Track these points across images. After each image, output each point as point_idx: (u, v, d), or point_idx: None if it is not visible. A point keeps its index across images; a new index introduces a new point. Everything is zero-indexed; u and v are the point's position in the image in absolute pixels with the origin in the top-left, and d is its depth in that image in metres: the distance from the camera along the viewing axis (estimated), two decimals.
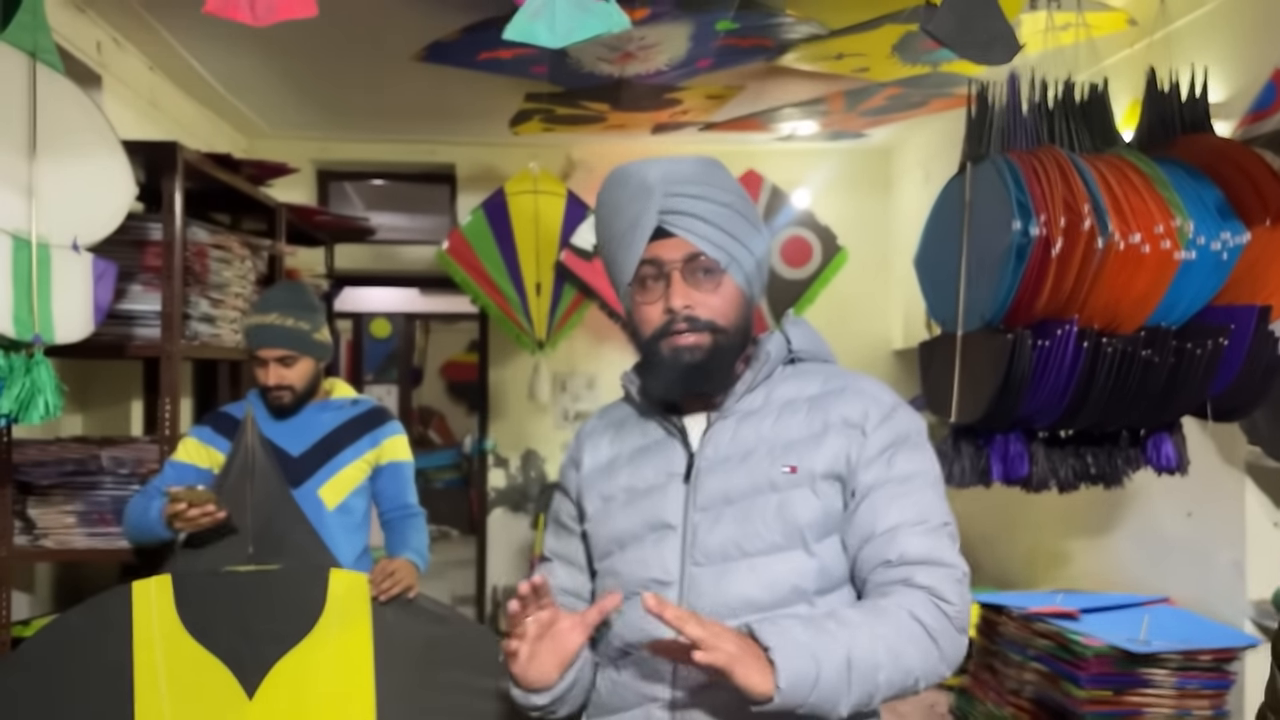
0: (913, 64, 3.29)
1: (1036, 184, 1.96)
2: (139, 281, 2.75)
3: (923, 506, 1.33)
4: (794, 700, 1.16)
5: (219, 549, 2.20)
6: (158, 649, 2.13)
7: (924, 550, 1.29)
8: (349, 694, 2.19)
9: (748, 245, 1.39)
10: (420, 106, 4.39)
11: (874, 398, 1.39)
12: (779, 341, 1.45)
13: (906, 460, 1.35)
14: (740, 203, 1.42)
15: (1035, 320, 2.04)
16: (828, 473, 1.35)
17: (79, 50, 3.16)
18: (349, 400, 2.64)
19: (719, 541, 1.35)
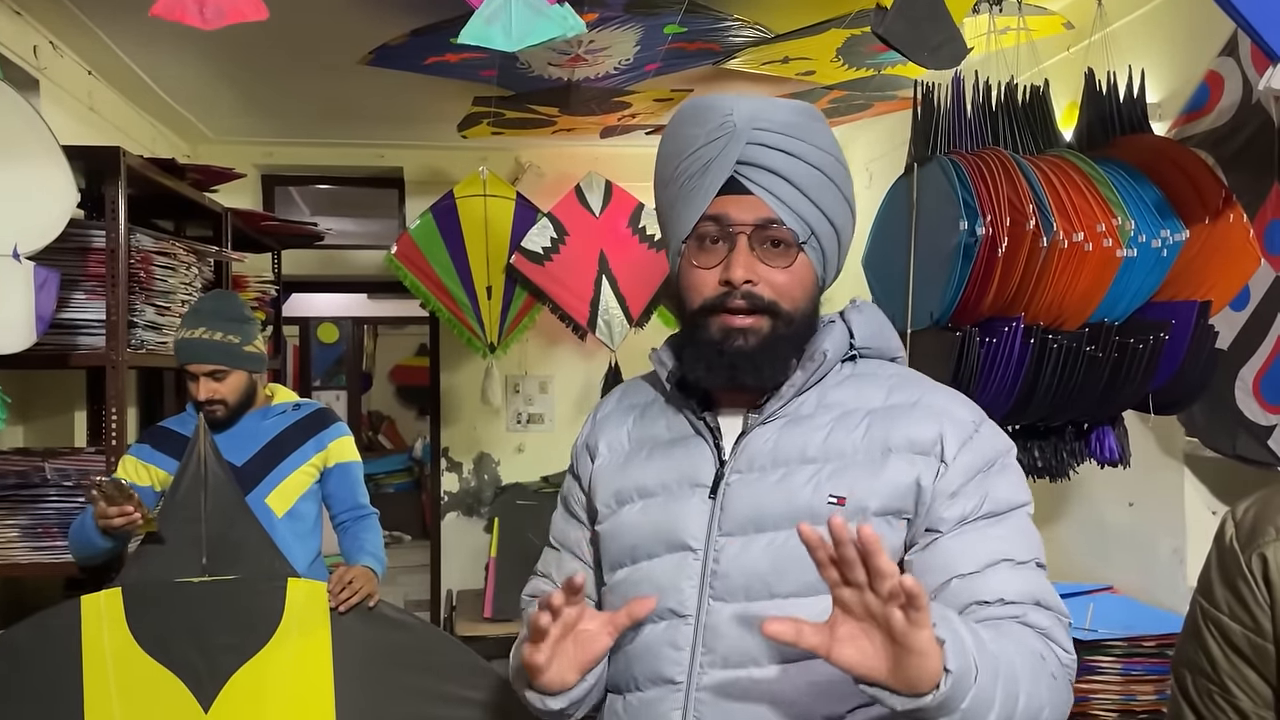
0: (857, 68, 3.34)
1: (982, 184, 2.00)
2: (82, 289, 2.69)
3: (1017, 543, 1.13)
4: (949, 699, 0.92)
5: (171, 561, 2.16)
6: (109, 665, 2.09)
7: (1027, 590, 1.09)
8: (308, 704, 2.16)
9: (834, 221, 1.19)
10: (367, 110, 4.35)
11: (952, 417, 1.17)
12: (839, 334, 1.22)
13: (997, 489, 1.14)
14: (836, 168, 1.20)
15: (982, 318, 2.09)
16: (884, 508, 1.13)
17: (15, 54, 3.09)
18: (291, 405, 2.61)
19: (744, 576, 1.13)
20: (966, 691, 0.93)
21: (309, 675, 2.17)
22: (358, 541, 2.55)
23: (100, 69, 3.69)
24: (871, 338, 1.26)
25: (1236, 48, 2.35)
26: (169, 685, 2.11)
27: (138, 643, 2.11)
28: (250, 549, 2.20)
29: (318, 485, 2.58)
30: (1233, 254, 2.08)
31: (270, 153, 4.99)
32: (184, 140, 4.75)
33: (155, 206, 3.52)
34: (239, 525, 2.21)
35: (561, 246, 4.57)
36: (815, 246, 1.18)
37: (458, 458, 5.20)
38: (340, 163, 5.07)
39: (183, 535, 2.17)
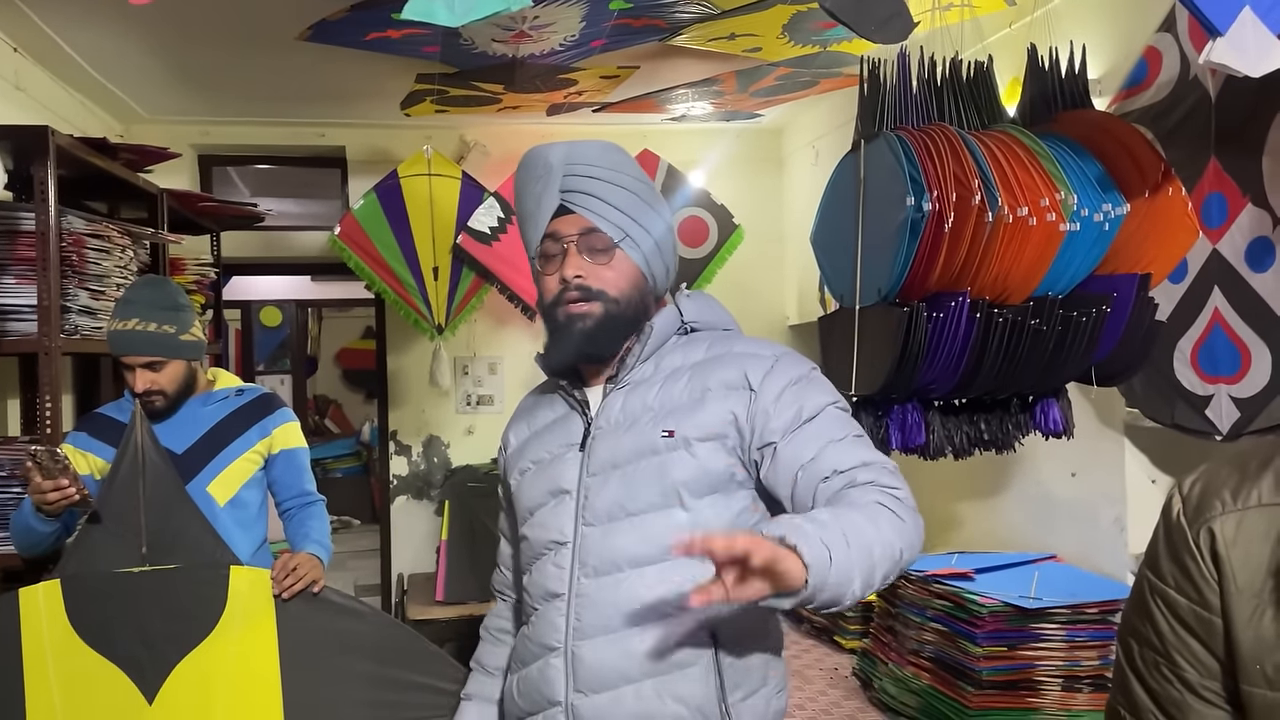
0: (803, 44, 3.34)
1: (928, 160, 2.02)
2: (11, 274, 2.61)
3: (835, 428, 1.42)
4: (818, 583, 1.16)
5: (111, 551, 2.10)
6: (49, 658, 2.03)
7: (853, 458, 1.37)
8: (255, 693, 2.13)
9: (643, 224, 1.49)
10: (307, 88, 4.25)
11: (753, 355, 1.48)
12: (668, 315, 1.55)
13: (807, 398, 1.44)
14: (638, 185, 1.52)
15: (929, 293, 2.11)
16: (705, 435, 1.44)
17: None
18: (234, 390, 2.55)
19: (606, 503, 1.46)
20: (827, 570, 1.17)
21: (255, 663, 2.13)
22: (303, 529, 2.51)
23: (26, 46, 3.56)
24: (698, 314, 1.58)
25: (1175, 23, 2.39)
26: (111, 677, 2.06)
27: (79, 635, 2.06)
28: (190, 538, 2.15)
29: (262, 472, 2.53)
30: (1171, 227, 2.12)
31: (207, 132, 4.86)
32: (116, 119, 4.61)
33: (87, 188, 3.41)
34: (178, 514, 2.16)
35: (509, 226, 4.52)
36: (633, 246, 1.48)
37: (406, 441, 5.15)
38: (280, 142, 4.96)
39: (122, 525, 2.11)
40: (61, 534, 2.29)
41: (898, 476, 1.38)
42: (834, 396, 1.47)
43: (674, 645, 1.41)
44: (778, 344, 1.55)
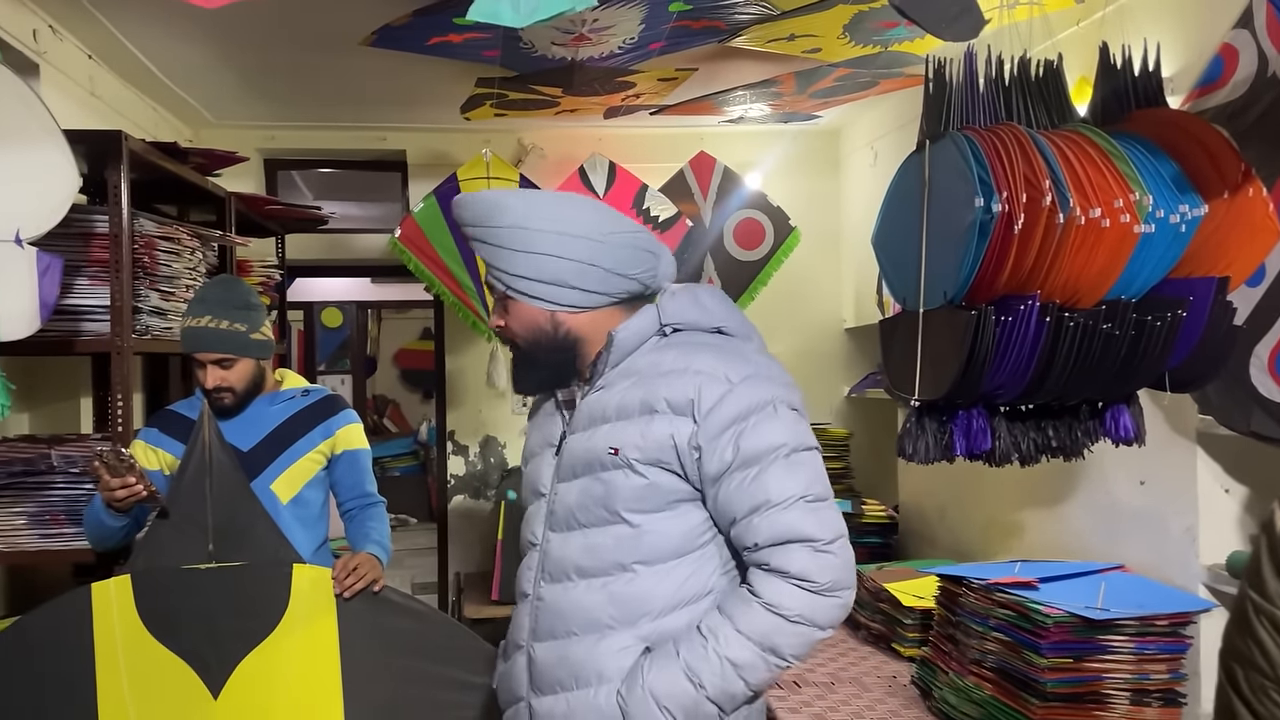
0: (864, 44, 3.31)
1: (997, 160, 1.98)
2: (85, 275, 2.67)
3: (772, 486, 1.39)
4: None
5: (179, 547, 2.15)
6: (120, 651, 2.09)
7: (776, 532, 1.37)
8: (316, 690, 2.16)
9: (521, 271, 1.51)
10: (370, 93, 4.31)
11: (709, 377, 1.44)
12: (640, 320, 1.54)
13: (750, 439, 1.41)
14: (508, 233, 1.51)
15: (997, 296, 2.06)
16: (645, 459, 1.45)
17: (15, 38, 3.06)
18: (300, 390, 2.59)
19: (565, 511, 1.52)
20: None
21: (316, 661, 2.17)
22: (364, 529, 2.54)
23: (101, 53, 3.66)
24: (679, 315, 1.55)
25: (1251, 19, 2.31)
26: (179, 671, 2.11)
27: (147, 629, 2.11)
28: (256, 535, 2.19)
29: (325, 472, 2.56)
30: (1251, 229, 2.05)
31: (272, 136, 4.96)
32: (185, 124, 4.72)
33: (158, 191, 3.49)
34: (244, 511, 2.20)
35: None
36: (517, 293, 1.52)
37: (464, 441, 5.19)
38: (343, 146, 5.04)
39: (189, 522, 2.16)
40: (132, 529, 2.34)
41: (823, 556, 1.38)
42: (785, 439, 1.42)
43: (606, 658, 1.45)
44: (752, 361, 1.50)
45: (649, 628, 1.45)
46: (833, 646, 3.25)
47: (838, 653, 3.19)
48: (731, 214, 4.95)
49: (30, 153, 2.14)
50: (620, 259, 1.53)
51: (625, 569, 1.46)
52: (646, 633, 1.45)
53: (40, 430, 3.45)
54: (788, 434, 1.43)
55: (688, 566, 1.46)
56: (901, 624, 3.15)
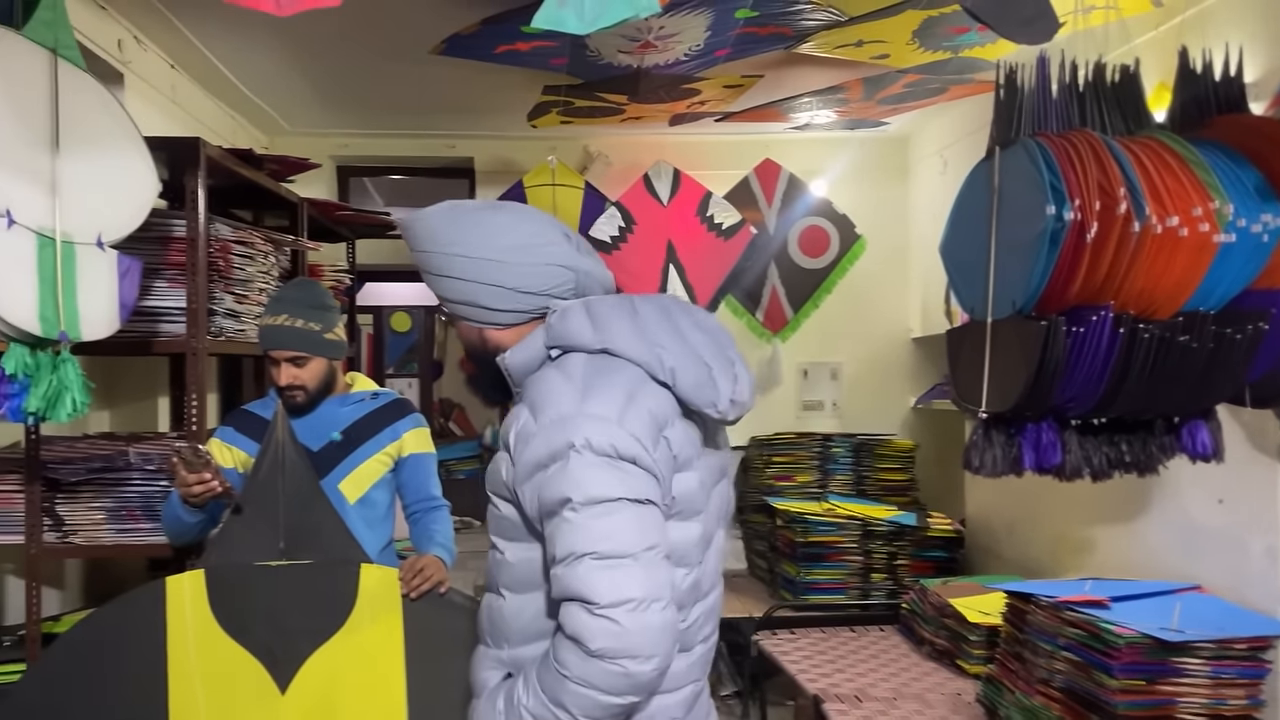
0: (933, 50, 3.26)
1: (1070, 167, 1.93)
2: (164, 278, 2.74)
3: (561, 539, 1.34)
4: None
5: (251, 544, 2.19)
6: (191, 643, 2.14)
7: (562, 588, 1.33)
8: (380, 688, 2.19)
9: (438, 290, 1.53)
10: (439, 101, 4.38)
11: (531, 410, 1.40)
12: (526, 348, 1.50)
13: (548, 489, 1.35)
14: (423, 257, 1.54)
15: (1069, 307, 2.02)
16: (496, 492, 1.47)
17: (100, 48, 3.17)
18: (369, 393, 2.63)
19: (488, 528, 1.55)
20: None
21: (381, 659, 2.19)
22: (428, 531, 2.56)
23: (182, 62, 3.77)
24: (561, 335, 1.47)
25: None
26: (248, 666, 2.15)
27: (219, 623, 2.16)
28: (325, 534, 2.23)
29: (391, 474, 2.60)
30: None
31: (345, 144, 5.05)
32: (262, 132, 4.84)
33: (235, 196, 3.58)
34: (315, 510, 2.24)
35: (629, 235, 4.56)
36: (452, 313, 1.55)
37: None
38: (412, 153, 5.12)
39: (262, 519, 2.20)
40: (207, 524, 2.40)
41: (596, 618, 1.29)
42: (576, 493, 1.32)
43: (478, 670, 1.53)
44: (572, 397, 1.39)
45: (508, 653, 1.48)
46: (895, 662, 3.20)
47: (900, 668, 3.14)
48: (796, 221, 4.92)
49: (113, 159, 2.21)
50: (527, 278, 1.49)
51: (497, 592, 1.50)
52: (506, 657, 1.48)
53: (120, 428, 3.57)
54: (580, 487, 1.32)
55: (542, 601, 1.43)
56: (967, 640, 3.09)
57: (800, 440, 4.67)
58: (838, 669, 3.06)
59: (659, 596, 1.32)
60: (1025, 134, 2.11)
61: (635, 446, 1.35)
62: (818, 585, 4.03)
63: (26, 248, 1.95)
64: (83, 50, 3.01)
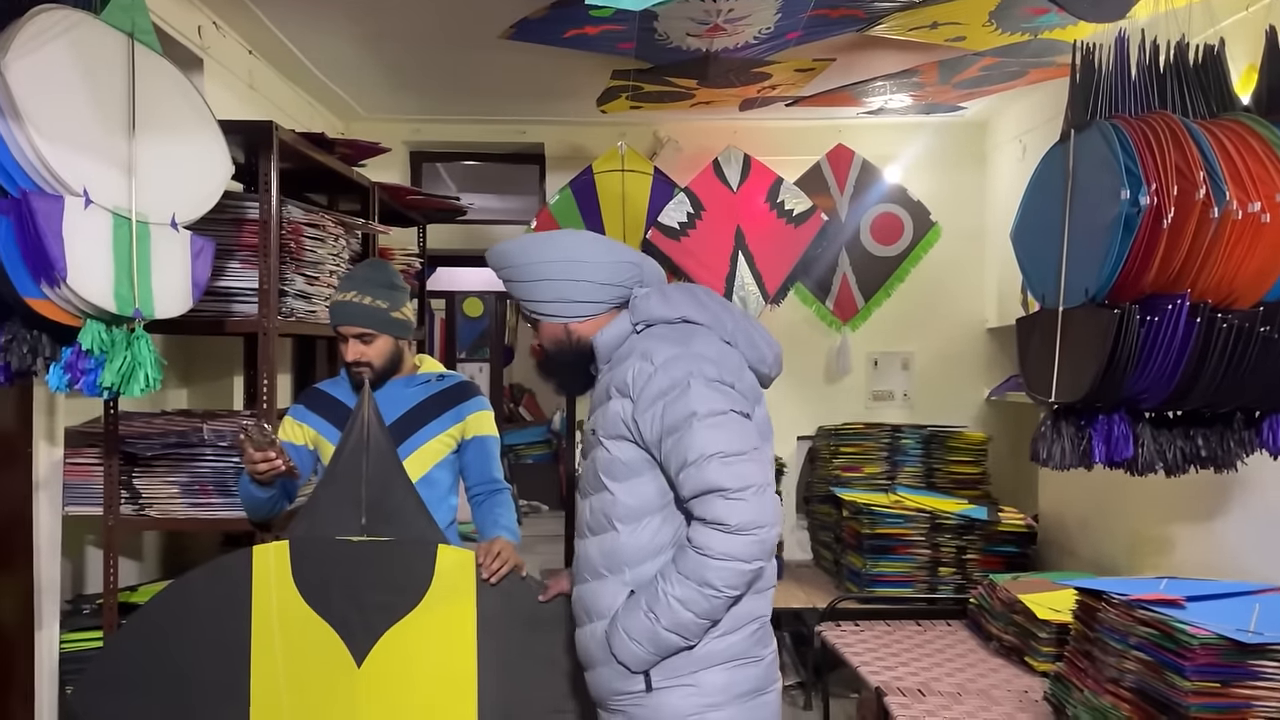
0: (1011, 32, 3.18)
1: (1147, 151, 1.87)
2: (237, 259, 2.81)
3: (691, 446, 1.67)
4: None
5: (334, 518, 2.22)
6: (275, 611, 2.18)
7: (696, 485, 1.67)
8: (452, 666, 2.21)
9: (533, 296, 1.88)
10: (510, 87, 4.40)
11: (642, 358, 1.74)
12: (612, 328, 1.85)
13: (673, 409, 1.69)
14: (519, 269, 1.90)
15: (1143, 295, 1.95)
16: (609, 433, 1.77)
17: (180, 34, 3.25)
18: (435, 375, 2.65)
19: (582, 482, 1.89)
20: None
21: (454, 639, 2.21)
22: (492, 515, 2.58)
23: (260, 48, 3.85)
24: (646, 312, 1.83)
25: None
26: (326, 637, 2.19)
27: (301, 594, 2.20)
28: (405, 512, 2.25)
29: (454, 455, 2.62)
30: None
31: (418, 129, 5.12)
32: (338, 117, 4.92)
33: (311, 181, 3.65)
34: (396, 489, 2.25)
35: (698, 221, 4.53)
36: (543, 314, 1.90)
37: None
38: (484, 139, 5.16)
39: (345, 494, 2.22)
40: (280, 499, 2.46)
41: (732, 501, 1.64)
42: (703, 407, 1.68)
43: (601, 599, 1.79)
44: (677, 346, 1.75)
45: (630, 575, 1.76)
46: (961, 657, 3.14)
47: (966, 663, 3.09)
48: (869, 208, 4.85)
49: (188, 141, 2.26)
50: (608, 273, 1.85)
51: (610, 527, 1.77)
52: (628, 579, 1.76)
53: (197, 406, 3.68)
54: (702, 403, 1.68)
55: (655, 523, 1.75)
56: (1036, 637, 3.02)
57: (869, 431, 4.60)
58: (901, 663, 3.01)
59: (769, 482, 1.73)
60: (1101, 117, 2.04)
61: (730, 375, 1.75)
62: (884, 578, 3.98)
63: (103, 227, 2.01)
64: (163, 36, 3.10)
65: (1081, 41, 2.13)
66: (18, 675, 2.68)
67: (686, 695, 1.73)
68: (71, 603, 2.97)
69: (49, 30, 1.87)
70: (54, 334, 2.05)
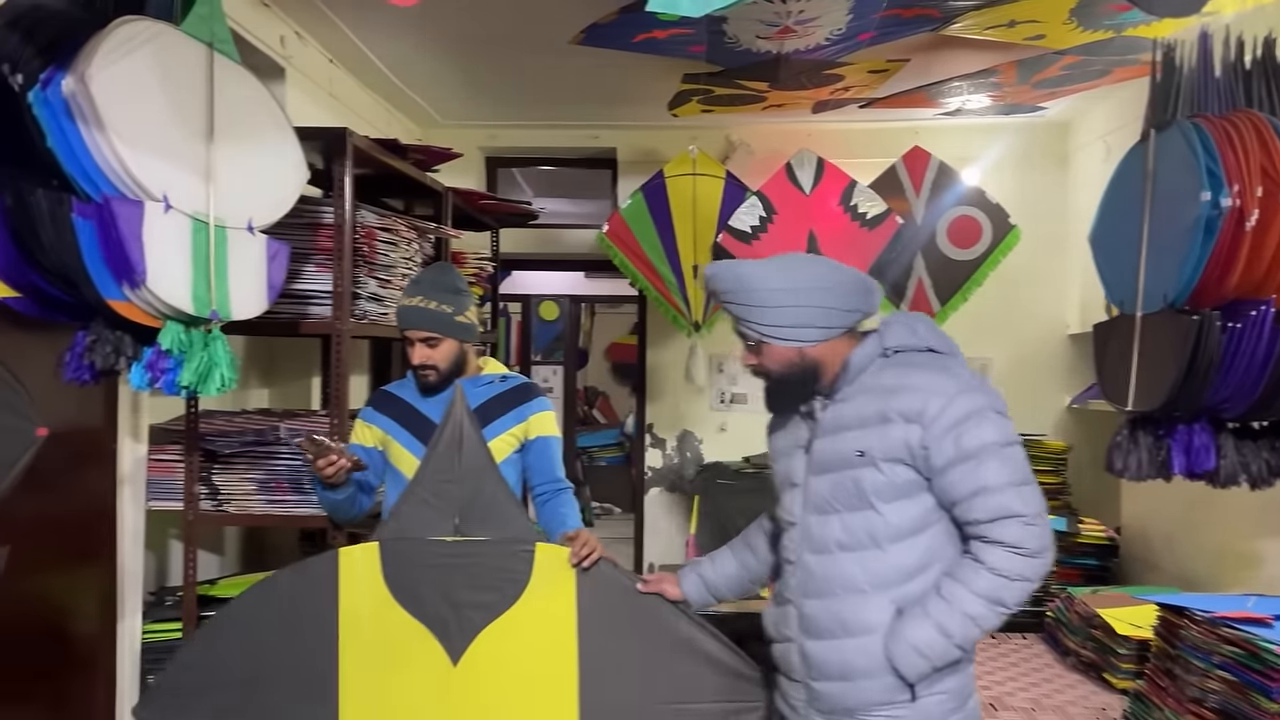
0: (1093, 30, 3.09)
1: (1230, 150, 1.80)
2: (313, 262, 2.87)
3: (988, 476, 1.73)
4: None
5: (427, 519, 2.22)
6: (364, 613, 2.19)
7: (991, 511, 1.72)
8: (552, 661, 2.20)
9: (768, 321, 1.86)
10: (582, 92, 4.43)
11: (932, 391, 1.78)
12: (869, 345, 1.88)
13: (969, 437, 1.74)
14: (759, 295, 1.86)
15: (1225, 300, 1.88)
16: (889, 456, 1.79)
17: (263, 44, 3.34)
18: (498, 376, 2.68)
19: (820, 498, 1.87)
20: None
21: (553, 637, 2.21)
22: (558, 514, 2.60)
23: (340, 57, 3.94)
24: (897, 340, 1.88)
25: None
26: (420, 636, 2.20)
27: (392, 594, 2.21)
28: (499, 511, 2.25)
29: (517, 455, 2.64)
30: None
31: (493, 135, 5.19)
32: (416, 124, 5.02)
33: (388, 186, 3.72)
34: (489, 488, 2.26)
35: (770, 225, 4.50)
36: (775, 339, 1.87)
37: (662, 434, 5.25)
38: (558, 144, 5.21)
39: (437, 494, 2.23)
40: (358, 497, 2.50)
41: (1029, 527, 1.71)
42: (999, 437, 1.74)
43: (869, 614, 1.81)
44: (965, 375, 1.81)
45: (896, 591, 1.80)
46: (1036, 671, 3.07)
47: (1041, 678, 3.02)
48: (945, 211, 4.74)
49: (264, 148, 2.33)
50: (849, 298, 1.87)
51: (877, 545, 1.81)
52: (895, 595, 1.80)
53: (277, 405, 3.78)
54: (997, 434, 1.74)
55: (923, 542, 1.80)
56: (1115, 653, 2.94)
57: None
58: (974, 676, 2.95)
59: (1046, 507, 1.77)
60: (1182, 115, 1.97)
61: (1003, 407, 1.80)
62: None
63: (182, 231, 2.08)
64: (246, 46, 3.20)
65: (1162, 39, 2.06)
66: (101, 664, 2.78)
67: (940, 701, 1.82)
68: (155, 594, 3.08)
69: (131, 41, 1.94)
70: (135, 334, 2.12)
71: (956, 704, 1.84)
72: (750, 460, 4.64)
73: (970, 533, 1.78)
